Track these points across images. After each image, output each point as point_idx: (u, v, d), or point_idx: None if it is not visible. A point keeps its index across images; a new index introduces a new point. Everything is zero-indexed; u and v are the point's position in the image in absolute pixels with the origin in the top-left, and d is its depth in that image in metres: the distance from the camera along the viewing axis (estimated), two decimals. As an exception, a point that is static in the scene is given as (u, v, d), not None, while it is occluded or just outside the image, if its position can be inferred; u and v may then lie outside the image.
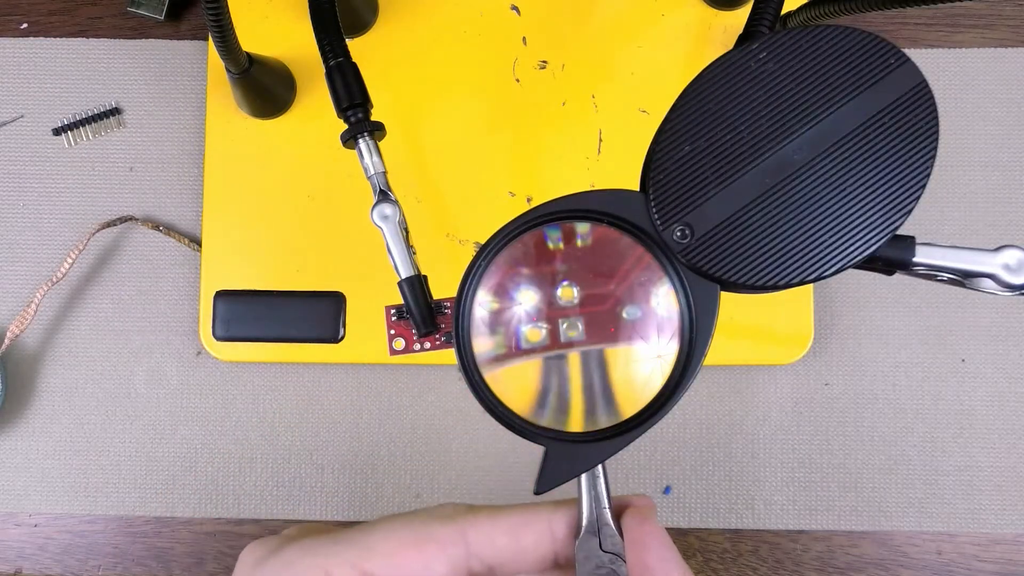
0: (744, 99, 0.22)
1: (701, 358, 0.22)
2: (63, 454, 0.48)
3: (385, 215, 0.34)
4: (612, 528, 0.23)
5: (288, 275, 0.46)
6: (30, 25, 0.50)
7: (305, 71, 0.47)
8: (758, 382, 0.48)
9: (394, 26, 0.47)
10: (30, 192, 0.49)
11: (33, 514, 0.48)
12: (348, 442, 0.48)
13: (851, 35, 0.22)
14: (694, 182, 0.22)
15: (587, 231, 0.23)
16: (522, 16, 0.47)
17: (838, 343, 0.48)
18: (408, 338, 0.36)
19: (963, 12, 0.50)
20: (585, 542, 0.23)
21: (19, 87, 0.49)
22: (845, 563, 0.47)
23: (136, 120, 0.49)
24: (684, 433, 0.48)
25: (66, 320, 0.48)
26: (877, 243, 0.22)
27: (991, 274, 0.24)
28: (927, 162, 0.22)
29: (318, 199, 0.46)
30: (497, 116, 0.47)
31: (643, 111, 0.46)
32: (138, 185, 0.49)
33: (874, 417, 0.48)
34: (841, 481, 0.47)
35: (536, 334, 0.23)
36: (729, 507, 0.47)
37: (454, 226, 0.46)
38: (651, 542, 0.22)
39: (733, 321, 0.45)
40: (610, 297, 0.23)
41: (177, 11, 0.50)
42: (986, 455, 0.47)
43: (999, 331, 0.48)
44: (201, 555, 0.47)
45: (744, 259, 0.22)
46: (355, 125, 0.36)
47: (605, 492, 0.23)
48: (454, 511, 0.23)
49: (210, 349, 0.46)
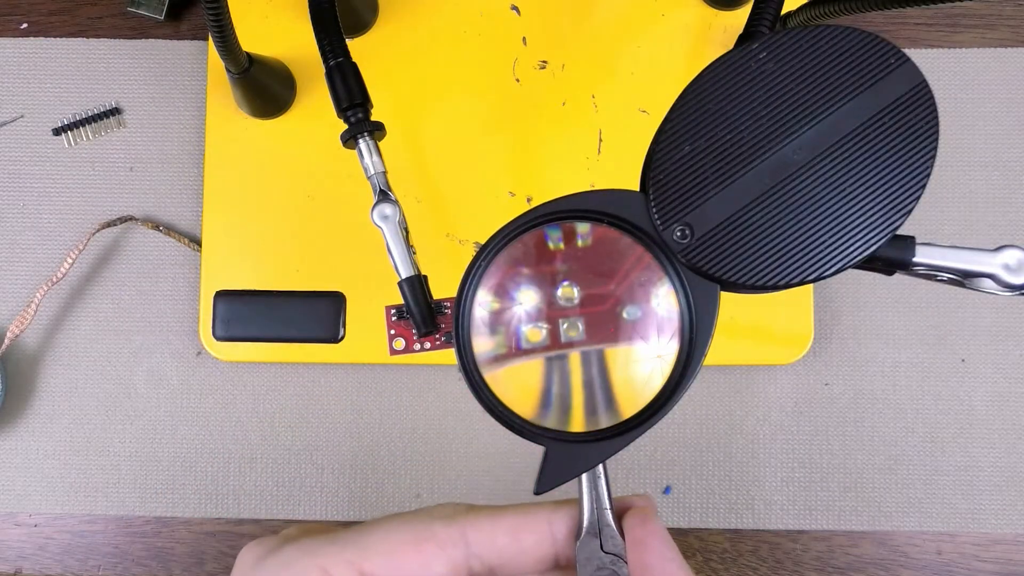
0: (744, 99, 0.22)
1: (701, 358, 0.22)
2: (63, 454, 0.48)
3: (385, 215, 0.35)
4: (613, 529, 0.23)
5: (288, 275, 0.46)
6: (30, 25, 0.50)
7: (305, 71, 0.47)
8: (758, 382, 0.48)
9: (394, 26, 0.47)
10: (30, 192, 0.49)
11: (33, 514, 0.48)
12: (348, 442, 0.48)
13: (851, 35, 0.22)
14: (694, 182, 0.22)
15: (587, 231, 0.23)
16: (522, 16, 0.47)
17: (838, 343, 0.48)
18: (408, 338, 0.36)
19: (963, 12, 0.50)
20: (586, 543, 0.23)
21: (19, 87, 0.49)
22: (845, 563, 0.47)
23: (136, 120, 0.49)
24: (684, 433, 0.47)
25: (66, 320, 0.48)
26: (877, 243, 0.22)
27: (991, 274, 0.24)
28: (927, 162, 0.22)
29: (318, 199, 0.46)
30: (497, 116, 0.47)
31: (643, 111, 0.46)
32: (138, 185, 0.49)
33: (874, 417, 0.48)
34: (841, 481, 0.47)
35: (536, 334, 0.23)
36: (729, 507, 0.47)
37: (454, 226, 0.46)
38: (652, 542, 0.22)
39: (733, 321, 0.45)
40: (610, 297, 0.23)
41: (177, 11, 0.50)
42: (986, 455, 0.47)
43: (999, 331, 0.48)
44: (201, 555, 0.47)
45: (744, 259, 0.22)
46: (355, 125, 0.36)
47: (606, 492, 0.23)
48: (454, 511, 0.23)
49: (210, 349, 0.46)
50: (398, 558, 0.22)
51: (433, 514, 0.23)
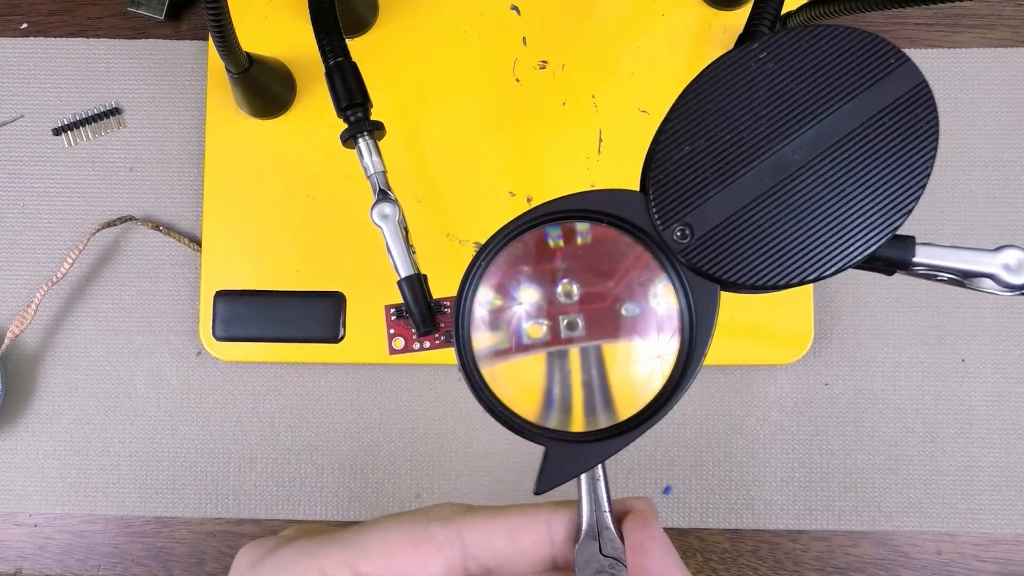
0: (744, 99, 0.22)
1: (701, 358, 0.22)
2: (63, 454, 0.48)
3: (385, 214, 0.35)
4: (612, 532, 0.23)
5: (288, 275, 0.46)
6: (30, 25, 0.50)
7: (305, 71, 0.47)
8: (758, 382, 0.48)
9: (394, 26, 0.47)
10: (30, 192, 0.49)
11: (33, 514, 0.48)
12: (348, 442, 0.48)
13: (851, 35, 0.22)
14: (694, 182, 0.22)
15: (587, 229, 0.23)
16: (522, 16, 0.47)
17: (838, 343, 0.48)
18: (408, 337, 0.36)
19: (963, 12, 0.50)
20: (585, 546, 0.23)
21: (19, 87, 0.49)
22: (845, 563, 0.47)
23: (136, 120, 0.49)
24: (684, 433, 0.47)
25: (66, 320, 0.48)
26: (877, 243, 0.22)
27: (991, 274, 0.24)
28: (927, 162, 0.22)
29: (318, 199, 0.46)
30: (497, 116, 0.47)
31: (643, 111, 0.46)
32: (138, 185, 0.49)
33: (874, 417, 0.48)
34: (841, 481, 0.47)
35: (537, 330, 0.23)
36: (729, 507, 0.47)
37: (454, 226, 0.46)
38: (653, 547, 0.22)
39: (733, 321, 0.45)
40: (610, 296, 0.23)
41: (177, 11, 0.50)
42: (986, 455, 0.47)
43: (999, 331, 0.48)
44: (201, 555, 0.47)
45: (744, 259, 0.22)
46: (355, 124, 0.36)
47: (605, 495, 0.23)
48: (451, 511, 0.23)
49: (210, 349, 0.46)
50: (395, 559, 0.22)
51: (430, 515, 0.23)
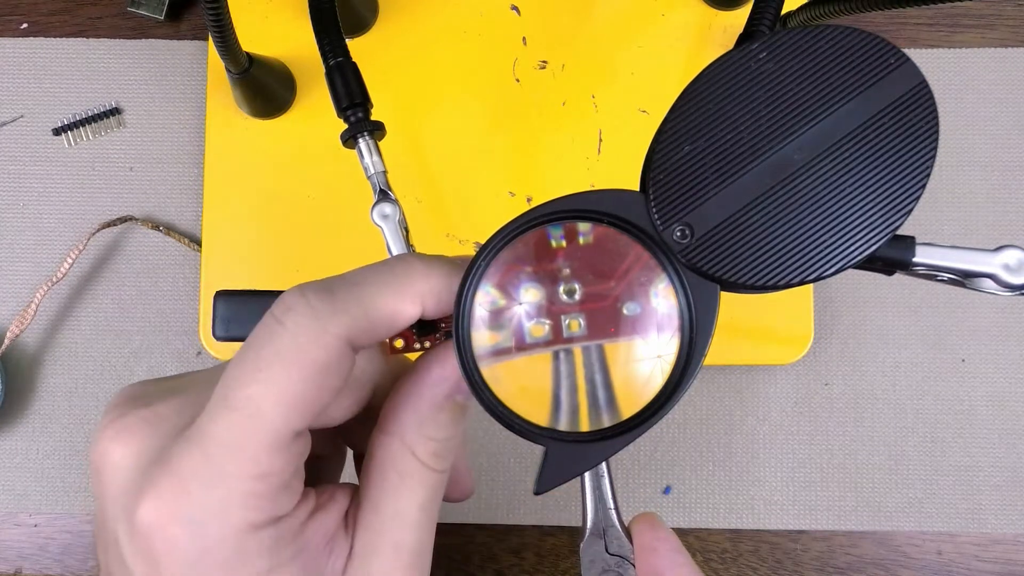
0: (744, 99, 0.22)
1: (701, 358, 0.22)
2: (63, 454, 0.48)
3: (385, 214, 0.35)
4: (619, 530, 0.23)
5: (288, 275, 0.46)
6: (30, 25, 0.50)
7: (305, 71, 0.47)
8: (758, 382, 0.48)
9: (394, 26, 0.47)
10: (30, 192, 0.49)
11: (33, 514, 0.48)
12: (348, 442, 0.48)
13: (851, 35, 0.22)
14: (694, 182, 0.22)
15: (588, 229, 0.23)
16: (522, 16, 0.47)
17: (838, 343, 0.48)
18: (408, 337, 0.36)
19: (963, 12, 0.50)
20: (590, 544, 0.22)
21: (19, 87, 0.49)
22: (845, 563, 0.47)
23: (136, 120, 0.49)
24: (684, 433, 0.47)
25: (66, 320, 0.48)
26: (877, 243, 0.22)
27: (991, 274, 0.24)
28: (927, 162, 0.22)
29: (318, 199, 0.46)
30: (497, 116, 0.47)
31: (643, 111, 0.46)
32: (138, 185, 0.49)
33: (874, 417, 0.48)
34: (841, 481, 0.47)
35: (539, 329, 0.23)
36: (729, 507, 0.47)
37: (454, 226, 0.46)
38: (663, 547, 0.22)
39: (733, 321, 0.45)
40: (611, 295, 0.23)
41: (177, 11, 0.50)
42: (986, 455, 0.47)
43: (999, 331, 0.48)
44: (201, 555, 0.47)
45: (744, 259, 0.22)
46: (355, 125, 0.36)
47: (611, 493, 0.23)
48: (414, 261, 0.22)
49: (210, 349, 0.46)
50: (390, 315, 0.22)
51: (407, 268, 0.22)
